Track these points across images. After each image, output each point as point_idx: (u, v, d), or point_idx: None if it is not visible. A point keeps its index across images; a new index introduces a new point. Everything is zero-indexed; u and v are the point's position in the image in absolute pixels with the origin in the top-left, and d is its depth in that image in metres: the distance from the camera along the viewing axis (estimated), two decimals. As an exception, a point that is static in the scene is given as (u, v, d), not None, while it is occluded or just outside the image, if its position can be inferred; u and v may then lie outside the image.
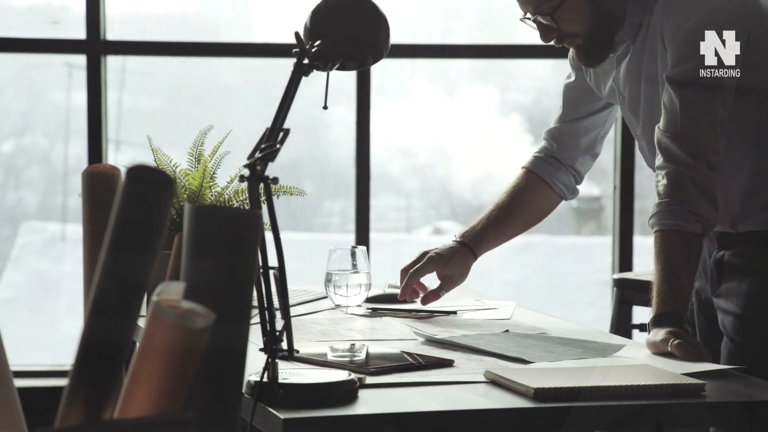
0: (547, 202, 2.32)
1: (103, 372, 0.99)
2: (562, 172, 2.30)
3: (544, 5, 1.98)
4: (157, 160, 2.35)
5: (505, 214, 2.29)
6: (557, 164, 2.29)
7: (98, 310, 0.99)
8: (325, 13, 1.86)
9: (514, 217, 2.29)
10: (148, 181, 0.98)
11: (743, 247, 2.01)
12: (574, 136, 2.28)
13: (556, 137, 2.29)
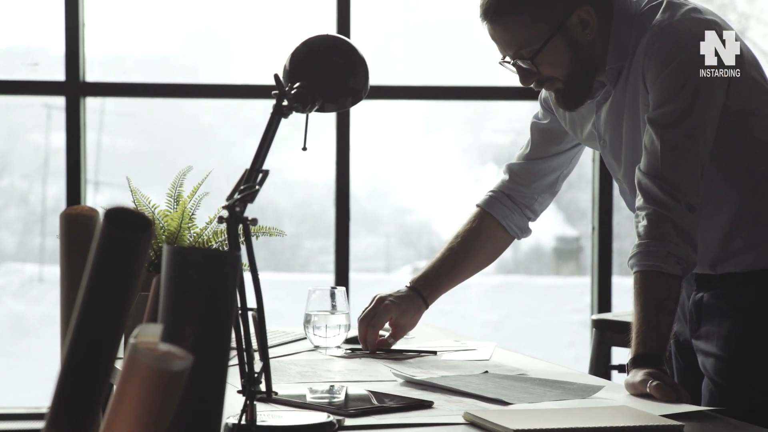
0: (500, 243, 2.34)
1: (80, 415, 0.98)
2: (517, 214, 2.31)
3: (525, 49, 1.99)
4: (135, 201, 2.34)
5: (458, 260, 2.30)
6: (512, 205, 2.31)
7: (75, 352, 0.99)
8: (304, 56, 1.87)
9: (467, 262, 2.30)
10: (126, 223, 0.98)
11: (722, 289, 2.02)
12: (538, 175, 2.29)
13: (519, 173, 2.30)
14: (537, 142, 2.28)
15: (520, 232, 2.33)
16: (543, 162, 2.28)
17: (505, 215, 2.31)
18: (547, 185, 2.31)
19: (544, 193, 2.32)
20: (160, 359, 0.92)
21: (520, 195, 2.31)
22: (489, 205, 2.32)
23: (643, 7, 2.00)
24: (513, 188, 2.31)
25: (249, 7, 5.28)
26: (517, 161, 2.31)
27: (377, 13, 5.58)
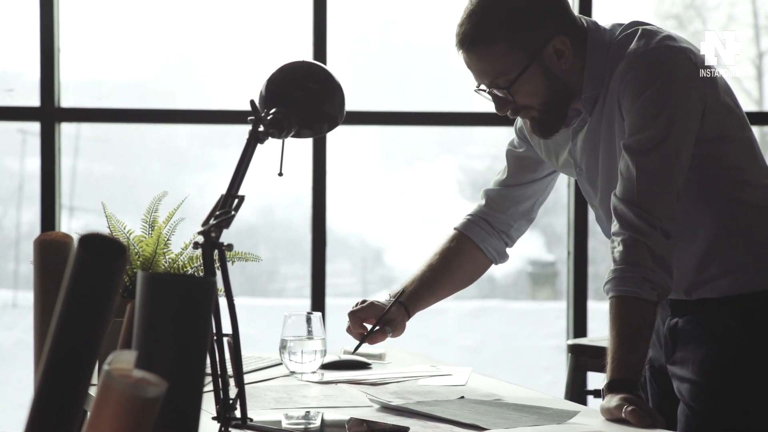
0: (478, 266, 2.37)
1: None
2: (494, 238, 2.34)
3: (500, 79, 2.00)
4: (110, 227, 2.34)
5: (438, 277, 2.34)
6: (490, 229, 2.33)
7: (49, 378, 0.98)
8: (280, 82, 1.88)
9: (446, 279, 2.34)
10: (100, 249, 0.97)
11: (697, 315, 2.03)
12: (514, 201, 2.32)
13: (495, 199, 2.33)
14: (512, 170, 2.30)
15: (497, 256, 2.36)
16: (518, 189, 2.30)
17: (482, 238, 2.33)
18: (523, 212, 2.33)
19: (520, 219, 2.34)
20: (134, 386, 0.92)
21: (496, 220, 2.33)
22: (467, 228, 2.34)
23: (617, 35, 2.01)
24: (490, 213, 2.34)
25: (225, 33, 5.28)
26: (494, 187, 2.33)
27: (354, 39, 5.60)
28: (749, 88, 5.67)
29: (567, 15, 2.00)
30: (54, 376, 0.98)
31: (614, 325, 1.87)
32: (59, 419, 0.98)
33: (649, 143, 1.92)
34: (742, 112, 2.03)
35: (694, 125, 1.94)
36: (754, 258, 2.00)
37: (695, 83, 1.94)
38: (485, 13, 1.97)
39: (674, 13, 5.72)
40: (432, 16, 5.49)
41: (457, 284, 2.36)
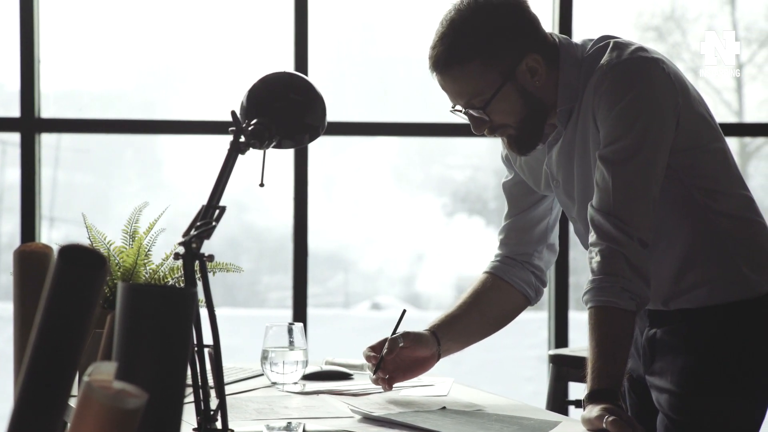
0: (512, 301, 2.27)
1: (32, 455, 0.97)
2: (519, 269, 2.26)
3: (475, 99, 2.00)
4: (91, 238, 2.33)
5: (469, 311, 2.23)
6: (513, 263, 2.26)
7: (29, 389, 0.98)
8: (262, 92, 1.88)
9: (477, 315, 2.23)
10: (80, 260, 0.97)
11: (675, 325, 2.04)
12: (525, 228, 2.26)
13: (507, 233, 2.28)
14: (512, 199, 2.27)
15: (528, 288, 2.26)
16: (525, 215, 2.26)
17: (506, 271, 2.25)
18: (538, 237, 2.27)
19: (537, 245, 2.27)
20: (114, 397, 0.92)
21: (516, 253, 2.27)
22: (493, 268, 2.27)
23: (589, 49, 2.03)
24: (508, 248, 2.27)
25: (206, 44, 5.28)
26: (504, 224, 2.29)
27: (335, 49, 5.61)
28: (729, 99, 5.70)
29: (538, 33, 2.01)
30: (34, 387, 0.97)
31: (593, 336, 1.88)
32: (39, 430, 0.98)
33: (624, 153, 1.93)
34: (715, 123, 2.05)
35: (668, 135, 1.96)
36: (730, 268, 2.01)
37: (669, 93, 1.96)
38: (457, 35, 1.97)
39: (654, 24, 5.75)
40: (413, 27, 5.50)
41: (489, 319, 2.25)
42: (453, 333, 2.21)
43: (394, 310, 8.33)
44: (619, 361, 1.86)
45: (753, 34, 5.34)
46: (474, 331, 2.24)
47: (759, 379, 2.01)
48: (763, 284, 2.02)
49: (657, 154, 1.94)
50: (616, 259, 1.90)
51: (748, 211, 2.04)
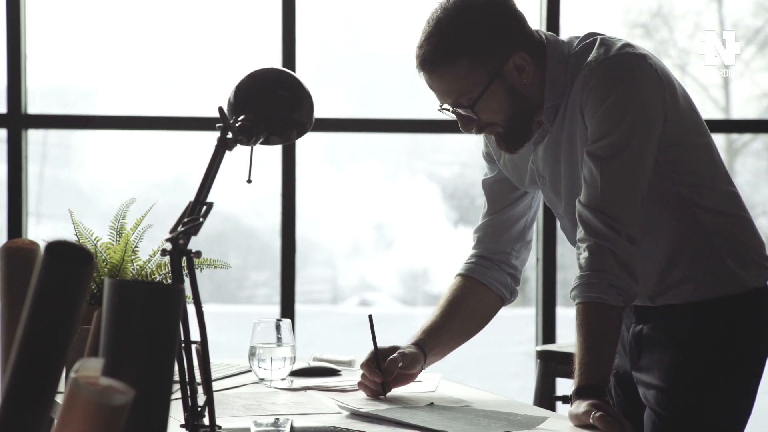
0: (488, 304, 2.26)
1: (18, 451, 0.97)
2: (495, 271, 2.25)
3: (463, 98, 2.00)
4: (78, 234, 2.32)
5: (444, 319, 2.21)
6: (489, 264, 2.25)
7: (15, 386, 0.97)
8: (249, 89, 1.88)
9: (452, 320, 2.22)
10: (67, 256, 0.97)
11: (662, 321, 2.05)
12: (504, 227, 2.25)
13: (485, 231, 2.26)
14: (493, 197, 2.25)
15: (504, 289, 2.26)
16: (504, 213, 2.25)
17: (482, 273, 2.24)
18: (516, 235, 2.26)
19: (515, 243, 2.26)
20: (100, 394, 0.92)
21: (492, 252, 2.25)
22: (467, 270, 2.26)
23: (576, 46, 2.03)
24: (485, 248, 2.26)
25: (194, 40, 5.27)
26: (481, 222, 2.28)
27: (323, 46, 5.60)
28: (716, 95, 5.72)
29: (524, 31, 2.01)
30: (20, 383, 0.97)
31: (581, 332, 1.88)
32: (26, 427, 0.98)
33: (612, 149, 1.94)
34: (700, 118, 2.05)
35: (656, 131, 1.96)
36: (716, 263, 2.02)
37: (656, 89, 1.96)
38: (444, 34, 1.97)
39: (641, 21, 5.76)
40: (400, 24, 5.50)
41: (466, 324, 2.23)
42: (438, 346, 2.20)
43: (382, 306, 8.33)
44: (607, 357, 1.86)
45: (740, 31, 5.36)
46: (455, 339, 2.24)
47: (745, 374, 2.02)
48: (749, 279, 2.02)
49: (645, 150, 1.94)
50: (603, 255, 1.90)
51: (734, 206, 2.05)
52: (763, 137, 5.94)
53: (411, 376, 2.14)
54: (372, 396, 2.07)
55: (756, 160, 6.25)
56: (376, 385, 2.06)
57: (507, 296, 2.27)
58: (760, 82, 5.43)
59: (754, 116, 5.48)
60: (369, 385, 2.07)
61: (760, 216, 6.45)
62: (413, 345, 2.17)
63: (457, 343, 2.24)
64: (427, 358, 2.18)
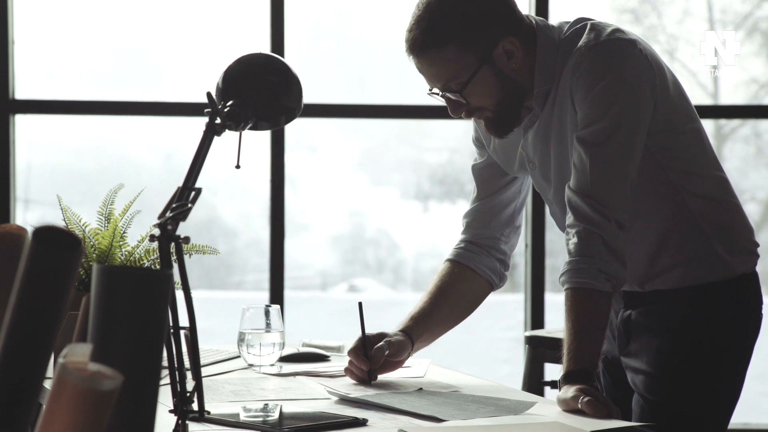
0: (477, 289, 2.25)
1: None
2: (484, 256, 2.24)
3: (452, 82, 2.00)
4: (66, 220, 2.32)
5: (438, 306, 2.21)
6: (477, 249, 2.24)
7: (3, 371, 0.97)
8: (237, 74, 1.87)
9: (446, 308, 2.21)
10: (54, 242, 0.97)
11: (650, 306, 2.05)
12: (493, 212, 2.25)
13: (474, 216, 2.26)
14: (482, 182, 2.25)
15: (492, 275, 2.25)
16: (494, 198, 2.24)
17: (471, 258, 2.24)
18: (506, 220, 2.25)
19: (504, 228, 2.25)
20: (89, 379, 0.91)
21: (481, 237, 2.25)
22: (456, 255, 2.26)
23: (566, 31, 2.03)
24: (474, 233, 2.25)
25: (182, 25, 5.25)
26: (470, 207, 2.27)
27: (312, 31, 5.59)
28: (704, 81, 5.72)
29: (514, 15, 2.01)
30: (8, 369, 0.97)
31: (570, 317, 1.89)
32: (14, 413, 0.98)
33: (602, 135, 1.94)
34: (690, 104, 2.05)
35: (646, 116, 1.96)
36: (705, 249, 2.02)
37: (646, 75, 1.96)
38: (433, 18, 1.97)
39: (630, 7, 5.76)
40: (390, 8, 5.49)
41: (455, 308, 2.23)
42: (426, 333, 2.20)
43: (371, 292, 8.34)
44: (595, 342, 1.87)
45: (728, 17, 5.36)
46: (444, 325, 2.23)
47: (733, 359, 2.03)
48: (737, 265, 2.03)
49: (635, 135, 1.94)
50: (593, 240, 1.90)
51: (723, 192, 2.05)
52: (751, 123, 5.95)
53: (398, 363, 2.14)
54: (358, 382, 2.07)
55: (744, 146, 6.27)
56: (363, 372, 2.06)
57: (496, 281, 2.27)
58: (748, 68, 5.43)
59: (743, 102, 5.49)
60: (356, 372, 2.08)
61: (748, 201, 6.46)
62: (401, 332, 2.17)
63: (445, 329, 2.24)
64: (415, 345, 2.18)
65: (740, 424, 4.70)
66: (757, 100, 5.61)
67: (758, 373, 6.10)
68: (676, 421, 1.99)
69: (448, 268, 2.26)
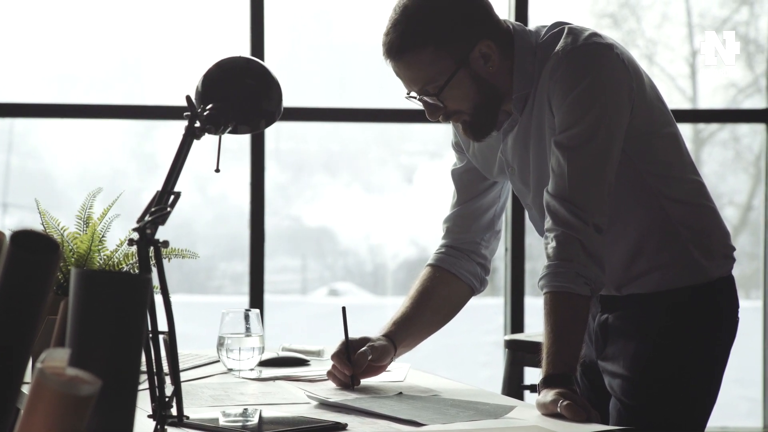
0: (458, 293, 2.26)
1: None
2: (465, 260, 2.25)
3: (429, 85, 2.00)
4: (44, 224, 2.31)
5: (414, 308, 2.21)
6: (458, 254, 2.25)
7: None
8: (217, 77, 1.87)
9: (423, 310, 2.21)
10: (33, 246, 0.96)
11: (627, 310, 2.06)
12: (473, 217, 2.25)
13: (455, 221, 2.26)
14: (462, 187, 2.25)
15: (473, 279, 2.26)
16: (474, 203, 2.25)
17: (452, 263, 2.24)
18: (486, 225, 2.26)
19: (484, 233, 2.26)
20: (67, 384, 0.91)
21: (462, 242, 2.25)
22: (437, 260, 2.26)
23: (543, 35, 2.03)
24: (454, 238, 2.26)
25: (162, 28, 5.24)
26: (450, 212, 2.27)
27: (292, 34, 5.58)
28: (683, 86, 5.75)
29: (491, 19, 2.01)
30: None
31: (549, 321, 1.89)
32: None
33: (579, 139, 1.94)
34: (666, 108, 2.06)
35: (623, 120, 1.97)
36: (681, 253, 2.03)
37: (623, 79, 1.97)
38: (410, 21, 1.97)
39: (609, 11, 5.79)
40: (369, 13, 5.49)
41: (437, 314, 2.23)
42: (408, 338, 2.20)
43: (352, 296, 8.34)
44: (574, 346, 1.87)
45: (707, 21, 5.39)
46: (426, 330, 2.24)
47: (710, 363, 2.04)
48: (713, 269, 2.04)
49: (612, 139, 1.95)
50: (571, 244, 1.91)
51: (700, 196, 2.06)
52: (729, 127, 5.99)
53: (380, 368, 2.14)
54: (341, 386, 2.07)
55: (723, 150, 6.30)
56: (345, 377, 2.06)
57: (477, 286, 2.28)
58: (726, 72, 5.46)
59: (721, 106, 5.52)
60: (338, 377, 2.08)
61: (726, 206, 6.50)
62: (384, 337, 2.17)
63: (427, 334, 2.25)
64: (397, 350, 2.18)
65: (718, 427, 4.73)
66: (735, 104, 5.64)
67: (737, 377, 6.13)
68: (653, 425, 2.00)
69: (429, 272, 2.26)
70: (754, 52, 5.33)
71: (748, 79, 5.55)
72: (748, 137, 6.13)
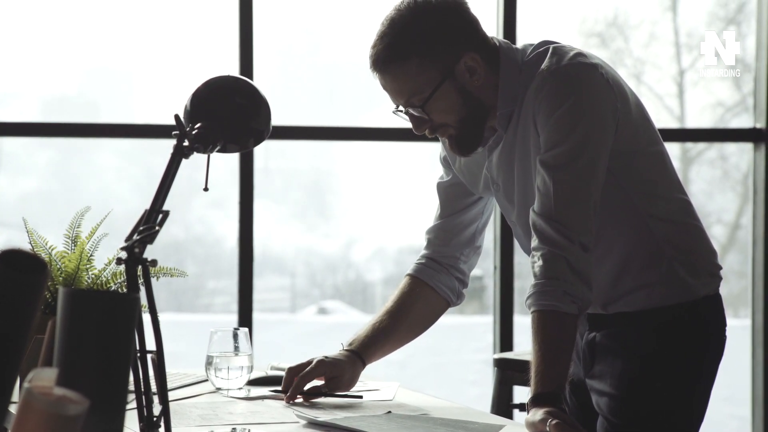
0: (433, 306, 2.28)
1: (-30, 463, 0.96)
2: (443, 274, 2.27)
3: (415, 98, 2.01)
4: (32, 242, 2.30)
5: (393, 322, 2.25)
6: (437, 266, 2.27)
7: (-34, 398, 0.96)
8: (206, 96, 1.87)
9: (401, 324, 2.25)
10: (20, 265, 0.96)
11: (614, 329, 2.06)
12: (454, 231, 2.27)
13: (436, 234, 2.28)
14: (446, 201, 2.27)
15: (450, 293, 2.28)
16: (456, 218, 2.27)
17: (431, 276, 2.26)
18: (466, 241, 2.28)
19: (465, 248, 2.28)
20: (55, 404, 0.91)
21: (442, 255, 2.28)
22: (416, 271, 2.28)
23: (529, 54, 2.05)
24: (435, 250, 2.28)
25: (151, 47, 5.25)
26: (433, 224, 2.30)
27: (280, 54, 5.60)
28: (671, 105, 5.78)
29: (477, 34, 2.03)
30: (-28, 394, 0.96)
31: (536, 339, 1.89)
32: (-23, 439, 0.97)
33: (564, 158, 1.95)
34: (653, 127, 2.08)
35: (608, 139, 1.98)
36: (667, 271, 2.04)
37: (608, 98, 1.98)
38: (396, 33, 1.99)
39: (597, 31, 5.82)
40: (357, 32, 5.51)
41: (413, 327, 2.27)
42: (379, 351, 2.23)
43: (341, 314, 8.32)
44: (562, 365, 1.87)
45: (694, 41, 5.42)
46: (399, 341, 2.27)
47: (697, 381, 2.04)
48: (699, 287, 2.05)
49: (597, 158, 1.96)
50: (558, 263, 1.91)
51: (686, 215, 2.07)
52: (717, 146, 6.01)
53: (340, 381, 2.16)
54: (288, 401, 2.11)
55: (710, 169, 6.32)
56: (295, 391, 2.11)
57: (453, 299, 2.31)
58: (714, 91, 5.49)
59: (709, 125, 5.55)
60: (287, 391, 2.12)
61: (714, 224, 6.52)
62: (346, 349, 2.21)
63: (399, 345, 2.28)
64: (366, 361, 2.22)
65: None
66: (723, 124, 5.66)
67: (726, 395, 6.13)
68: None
69: (408, 285, 2.29)
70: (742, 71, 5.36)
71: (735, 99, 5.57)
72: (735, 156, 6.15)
